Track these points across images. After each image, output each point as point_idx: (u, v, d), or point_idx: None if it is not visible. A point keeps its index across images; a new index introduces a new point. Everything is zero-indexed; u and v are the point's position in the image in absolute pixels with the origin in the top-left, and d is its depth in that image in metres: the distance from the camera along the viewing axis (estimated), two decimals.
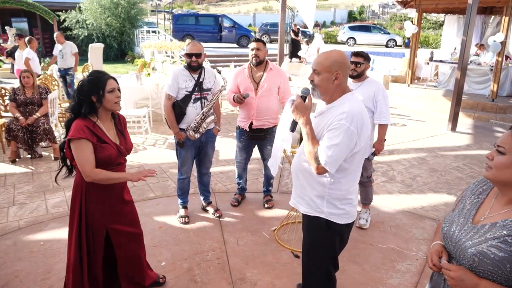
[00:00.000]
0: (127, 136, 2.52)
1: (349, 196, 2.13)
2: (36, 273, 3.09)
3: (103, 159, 2.28)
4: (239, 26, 21.91)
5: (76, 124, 2.24)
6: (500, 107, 8.90)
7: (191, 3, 43.15)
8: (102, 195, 2.40)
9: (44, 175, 5.04)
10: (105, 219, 2.44)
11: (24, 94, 5.53)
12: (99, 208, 2.40)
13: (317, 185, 2.12)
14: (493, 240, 1.34)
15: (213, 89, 3.77)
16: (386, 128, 3.74)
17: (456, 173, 5.49)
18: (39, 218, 3.97)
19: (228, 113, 8.78)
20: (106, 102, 2.28)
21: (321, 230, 2.16)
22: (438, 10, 11.82)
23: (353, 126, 1.93)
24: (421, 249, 3.57)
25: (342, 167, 2.04)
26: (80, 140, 2.21)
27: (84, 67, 10.01)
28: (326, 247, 2.19)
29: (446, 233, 1.51)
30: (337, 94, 2.07)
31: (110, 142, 2.33)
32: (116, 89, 2.30)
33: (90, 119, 2.29)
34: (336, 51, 2.10)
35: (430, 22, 32.39)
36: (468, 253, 1.38)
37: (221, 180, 5.01)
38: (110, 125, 2.41)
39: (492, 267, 1.31)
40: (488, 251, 1.32)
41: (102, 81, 2.25)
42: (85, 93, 2.25)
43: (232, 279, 3.09)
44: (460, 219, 1.50)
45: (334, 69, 2.01)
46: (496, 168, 1.38)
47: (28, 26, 19.67)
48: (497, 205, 1.43)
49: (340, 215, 2.12)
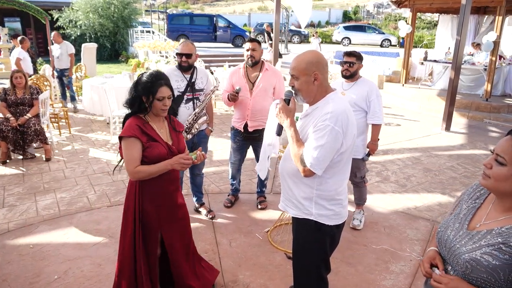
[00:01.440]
0: (180, 136, 2.52)
1: (338, 197, 2.10)
2: (25, 276, 3.04)
3: (153, 157, 2.30)
4: (234, 26, 21.88)
5: (129, 122, 2.32)
6: (494, 107, 8.93)
7: (186, 3, 43.06)
8: (155, 194, 2.42)
9: (35, 177, 4.98)
10: (160, 221, 2.46)
11: (15, 94, 5.46)
12: (154, 208, 2.42)
13: (304, 186, 2.08)
14: (487, 247, 1.30)
15: (206, 89, 3.73)
16: (380, 128, 3.72)
17: (450, 173, 5.49)
18: (29, 220, 3.91)
19: (223, 113, 8.74)
20: (153, 107, 2.32)
21: (311, 232, 2.12)
22: (432, 10, 11.85)
23: (337, 126, 1.91)
24: (415, 250, 3.56)
25: (329, 168, 2.00)
26: (129, 138, 2.27)
27: (77, 67, 9.93)
28: (317, 249, 2.15)
29: (440, 238, 1.48)
30: (320, 94, 2.04)
31: (161, 141, 2.35)
32: (166, 98, 2.31)
33: (142, 117, 2.35)
34: (309, 51, 2.07)
35: (425, 22, 32.53)
36: (462, 259, 1.35)
37: (214, 181, 4.97)
38: (162, 125, 2.44)
39: (486, 275, 1.28)
40: (481, 258, 1.29)
41: (155, 87, 2.27)
42: (138, 91, 2.31)
43: (224, 281, 3.05)
44: (455, 224, 1.47)
45: (311, 71, 1.98)
46: (495, 179, 1.33)
47: (21, 26, 19.51)
48: (494, 212, 1.39)
49: (330, 216, 2.09)
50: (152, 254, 2.50)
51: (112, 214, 4.06)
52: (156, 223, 2.45)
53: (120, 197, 4.44)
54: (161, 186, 2.42)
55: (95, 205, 4.27)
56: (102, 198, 4.42)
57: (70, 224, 3.85)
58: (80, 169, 5.26)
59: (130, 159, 2.27)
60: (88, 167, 5.35)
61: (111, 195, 4.51)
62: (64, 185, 4.74)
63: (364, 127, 3.70)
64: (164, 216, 2.48)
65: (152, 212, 2.42)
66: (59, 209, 4.15)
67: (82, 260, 3.27)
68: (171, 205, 2.52)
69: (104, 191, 4.61)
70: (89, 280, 3.02)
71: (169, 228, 2.52)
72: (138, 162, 2.28)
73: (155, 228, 2.46)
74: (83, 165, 5.42)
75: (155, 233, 2.47)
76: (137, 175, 2.29)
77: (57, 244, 3.49)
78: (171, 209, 2.51)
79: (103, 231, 3.72)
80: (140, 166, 2.29)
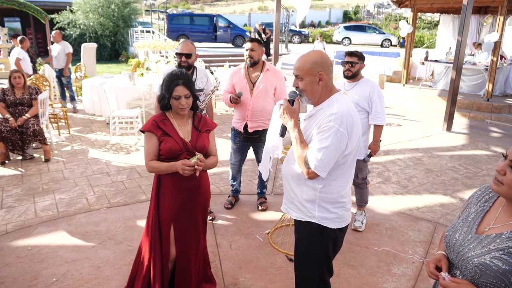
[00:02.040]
0: (202, 135, 2.52)
1: (341, 200, 2.05)
2: (23, 279, 3.00)
3: (165, 151, 2.39)
4: (234, 26, 21.83)
5: (151, 117, 2.46)
6: (495, 107, 8.89)
7: (186, 3, 43.04)
8: (170, 189, 2.46)
9: (34, 178, 4.94)
10: (173, 214, 2.49)
11: (14, 95, 5.43)
12: (169, 202, 2.47)
13: (307, 189, 2.04)
14: (496, 251, 1.28)
15: (206, 89, 3.70)
16: (382, 128, 3.68)
17: (452, 173, 5.46)
18: (28, 221, 3.88)
19: (223, 113, 8.70)
20: (172, 105, 2.42)
21: (313, 235, 2.07)
22: (433, 9, 11.81)
23: (342, 127, 1.87)
24: (417, 252, 3.52)
25: (333, 170, 1.96)
26: (146, 133, 2.42)
27: (77, 67, 9.90)
28: (319, 253, 2.11)
29: (449, 242, 1.46)
30: (325, 95, 2.01)
31: (175, 136, 2.41)
32: (182, 97, 2.36)
33: (164, 113, 2.47)
34: (314, 51, 2.03)
35: (425, 22, 32.51)
36: (471, 264, 1.33)
37: (214, 181, 4.93)
38: (185, 122, 2.50)
39: (495, 279, 1.25)
40: (491, 263, 1.27)
41: (172, 85, 2.35)
42: (162, 88, 2.42)
43: (224, 284, 3.02)
44: (463, 228, 1.44)
45: (316, 71, 1.95)
46: (508, 186, 1.29)
47: (21, 26, 19.49)
48: (504, 215, 1.36)
49: (333, 219, 2.04)
50: (166, 254, 2.52)
51: (111, 215, 4.02)
52: (169, 218, 2.48)
53: (120, 199, 4.41)
54: (175, 182, 2.44)
55: (94, 206, 4.23)
56: (102, 199, 4.39)
57: (69, 225, 3.82)
58: (80, 170, 5.22)
59: (146, 152, 2.43)
60: (87, 167, 5.31)
61: (110, 196, 4.48)
62: (63, 186, 4.71)
63: (366, 128, 3.66)
64: (176, 211, 2.48)
65: (166, 207, 2.47)
66: (58, 210, 4.12)
67: (81, 262, 3.23)
68: (186, 201, 2.50)
69: (104, 192, 4.58)
70: (88, 283, 2.98)
71: (179, 224, 2.51)
72: (152, 156, 2.41)
73: (167, 225, 2.49)
74: (83, 165, 5.38)
75: (167, 230, 2.50)
76: (149, 169, 2.43)
77: (56, 246, 3.45)
78: (184, 205, 2.49)
79: (102, 233, 3.69)
80: (153, 161, 2.41)
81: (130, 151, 6.00)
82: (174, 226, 2.50)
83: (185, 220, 2.53)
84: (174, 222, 2.50)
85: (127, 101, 7.26)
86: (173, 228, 2.51)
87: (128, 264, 3.22)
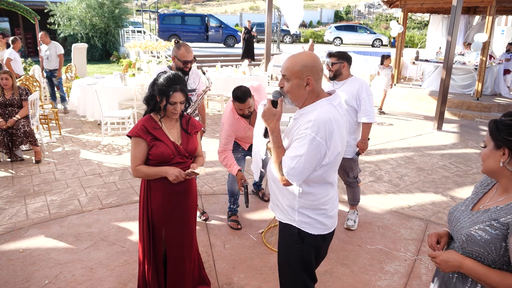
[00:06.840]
0: (192, 138, 2.52)
1: (322, 207, 1.95)
2: (14, 282, 2.97)
3: (156, 156, 2.35)
4: (226, 26, 21.79)
5: (139, 121, 2.39)
6: (484, 106, 9.01)
7: (177, 3, 42.85)
8: (159, 192, 2.43)
9: (24, 179, 4.89)
10: (165, 218, 2.48)
11: (3, 96, 5.36)
12: (158, 206, 2.45)
13: (287, 193, 1.97)
14: (481, 223, 1.45)
15: (198, 89, 3.69)
16: (370, 126, 3.66)
17: (443, 172, 5.52)
18: (19, 224, 3.84)
19: (215, 113, 8.69)
20: (166, 109, 2.37)
21: (294, 240, 2.00)
22: (423, 10, 11.93)
23: (319, 136, 1.75)
24: (409, 250, 3.55)
25: (312, 178, 1.88)
26: (134, 138, 2.36)
27: (68, 68, 9.81)
28: (300, 260, 2.02)
29: (449, 218, 1.66)
30: (310, 99, 1.89)
31: (166, 141, 2.38)
32: (178, 103, 2.34)
33: (154, 116, 2.41)
34: (305, 53, 1.90)
35: (415, 22, 32.80)
36: (460, 234, 1.52)
37: (207, 182, 4.93)
38: (174, 125, 2.47)
39: (479, 248, 1.43)
40: (475, 233, 1.45)
41: (170, 90, 2.30)
42: (154, 90, 2.36)
43: (219, 284, 3.02)
44: (462, 207, 1.63)
45: (304, 75, 1.82)
46: (482, 160, 1.53)
47: (9, 26, 19.25)
48: (496, 195, 1.54)
49: (313, 224, 1.96)
50: (159, 254, 2.53)
51: (103, 217, 4.00)
52: (161, 221, 2.47)
53: (112, 200, 4.38)
54: (165, 185, 2.42)
55: (86, 207, 4.20)
56: (94, 201, 4.36)
57: (61, 227, 3.79)
58: (71, 171, 5.18)
59: (133, 157, 2.37)
60: (79, 169, 5.27)
61: (102, 197, 4.45)
62: (55, 188, 4.67)
63: (355, 126, 3.67)
64: (168, 215, 2.47)
65: (157, 211, 2.45)
66: (49, 212, 4.08)
67: (74, 264, 3.21)
68: (176, 205, 2.49)
69: (96, 193, 4.55)
70: (81, 285, 2.96)
71: (171, 228, 2.51)
72: (139, 161, 2.36)
73: (159, 226, 2.49)
74: (74, 167, 5.34)
75: (159, 231, 2.49)
76: (137, 174, 2.38)
77: (48, 248, 3.43)
78: (175, 209, 2.49)
79: (95, 234, 3.66)
80: (141, 166, 2.36)
81: (122, 152, 5.97)
82: (165, 229, 2.49)
83: (177, 223, 2.52)
84: (165, 225, 2.49)
85: (119, 101, 7.21)
86: (165, 232, 2.50)
87: (121, 265, 3.21)
